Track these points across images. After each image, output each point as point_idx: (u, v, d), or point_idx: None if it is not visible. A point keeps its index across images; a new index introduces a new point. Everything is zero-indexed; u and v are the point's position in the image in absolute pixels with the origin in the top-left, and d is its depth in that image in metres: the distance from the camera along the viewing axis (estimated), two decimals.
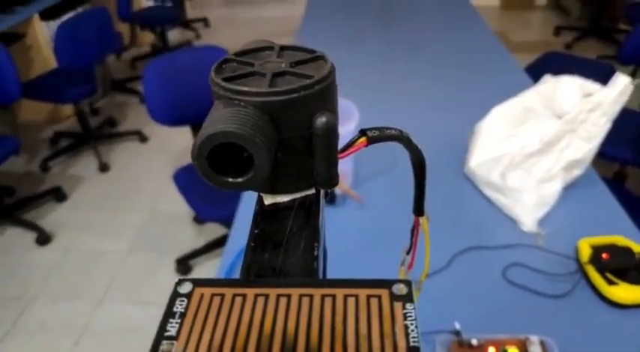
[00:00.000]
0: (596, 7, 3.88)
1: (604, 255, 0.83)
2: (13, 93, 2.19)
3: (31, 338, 1.77)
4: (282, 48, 0.25)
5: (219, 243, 1.96)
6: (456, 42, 1.84)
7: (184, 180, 1.72)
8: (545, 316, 0.78)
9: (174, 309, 0.20)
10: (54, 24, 2.87)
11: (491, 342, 0.72)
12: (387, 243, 0.95)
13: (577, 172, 1.00)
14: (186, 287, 0.21)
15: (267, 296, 0.20)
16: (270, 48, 0.25)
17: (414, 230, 0.34)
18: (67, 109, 3.10)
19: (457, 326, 0.73)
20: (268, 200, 0.25)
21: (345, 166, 1.07)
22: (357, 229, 0.99)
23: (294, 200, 0.25)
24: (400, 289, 0.20)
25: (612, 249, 0.84)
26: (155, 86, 1.76)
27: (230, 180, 0.20)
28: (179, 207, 1.99)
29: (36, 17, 2.86)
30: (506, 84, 1.45)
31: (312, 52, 0.25)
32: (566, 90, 1.01)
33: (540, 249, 0.90)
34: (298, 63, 0.24)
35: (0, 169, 2.16)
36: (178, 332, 0.19)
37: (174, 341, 0.19)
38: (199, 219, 2.20)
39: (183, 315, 0.20)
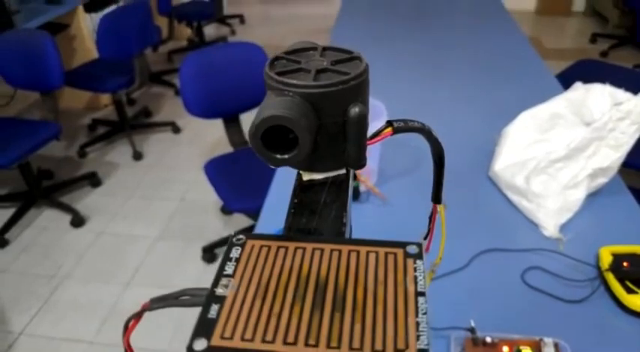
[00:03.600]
0: (634, 15, 3.79)
1: (625, 264, 0.83)
2: (57, 81, 2.29)
3: (62, 315, 1.86)
4: (324, 48, 0.30)
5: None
6: (488, 45, 1.84)
7: (214, 171, 1.77)
8: (562, 320, 0.79)
9: (231, 255, 0.25)
10: (97, 16, 2.98)
11: (506, 342, 0.74)
12: (407, 239, 0.97)
13: (603, 180, 1.00)
14: (240, 239, 0.26)
15: (304, 249, 0.25)
16: (315, 48, 0.29)
17: (432, 216, 0.37)
18: (105, 98, 3.21)
19: (472, 323, 0.75)
20: (306, 176, 0.30)
21: (370, 164, 1.09)
22: (379, 225, 1.02)
23: (327, 178, 0.30)
24: (413, 248, 0.26)
25: (634, 258, 0.85)
26: (191, 79, 1.82)
27: (278, 156, 0.25)
28: (208, 197, 2.05)
29: (80, 9, 2.97)
30: (536, 90, 1.45)
31: (350, 52, 0.29)
32: (596, 97, 1.02)
33: (561, 254, 0.90)
34: (337, 62, 0.28)
35: (40, 153, 2.26)
36: (234, 271, 0.24)
37: (231, 278, 0.24)
38: (227, 210, 2.26)
39: (238, 260, 0.25)
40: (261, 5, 5.32)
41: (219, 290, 0.23)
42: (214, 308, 0.22)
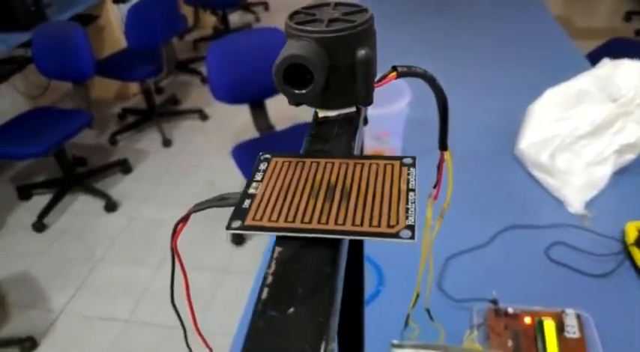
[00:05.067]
0: None
1: None
2: (88, 71, 2.36)
3: (97, 296, 1.94)
4: (337, 4, 0.34)
5: None
6: (513, 25, 1.81)
7: (241, 155, 1.81)
8: (585, 293, 0.80)
9: (259, 168, 0.31)
10: (124, 7, 3.04)
11: (528, 313, 0.75)
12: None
13: (631, 156, 0.99)
14: (267, 157, 0.32)
15: (318, 163, 0.31)
16: (328, 4, 0.34)
17: (440, 164, 0.39)
18: (134, 87, 3.28)
19: (494, 294, 0.76)
20: (321, 114, 0.35)
21: (393, 143, 1.11)
22: None
23: (339, 115, 0.35)
24: (408, 160, 0.31)
25: None
26: (217, 66, 1.85)
27: (296, 91, 0.29)
28: (235, 181, 2.09)
29: (109, 0, 3.03)
30: (564, 69, 1.43)
31: (358, 6, 0.34)
32: (624, 73, 1.00)
33: (585, 229, 0.90)
34: (347, 13, 0.33)
35: (74, 141, 2.34)
36: (262, 179, 0.30)
37: (260, 183, 0.30)
38: None
39: (264, 171, 0.31)
40: None
41: (251, 190, 0.29)
42: (247, 201, 0.28)
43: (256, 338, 0.21)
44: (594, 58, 1.55)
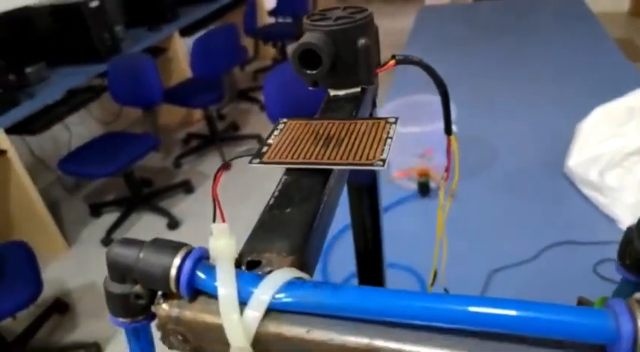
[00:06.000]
0: None
1: None
2: (157, 99, 2.55)
3: None
4: (346, 7, 0.42)
5: None
6: (568, 48, 1.80)
7: None
8: None
9: (277, 127, 0.39)
10: (190, 39, 3.26)
11: None
12: (472, 233, 1.00)
13: None
14: (284, 121, 0.40)
15: (322, 123, 0.39)
16: (338, 8, 0.42)
17: (448, 148, 0.43)
18: (198, 114, 3.48)
19: None
20: (332, 93, 0.43)
21: (439, 161, 1.13)
22: (447, 219, 1.05)
23: (347, 94, 0.43)
24: (392, 119, 0.38)
25: None
26: (273, 94, 1.96)
27: (309, 71, 0.37)
28: None
29: (176, 34, 3.26)
30: (623, 91, 1.41)
31: (362, 8, 0.41)
32: None
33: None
34: (352, 13, 0.40)
35: (142, 163, 2.51)
36: (280, 132, 0.39)
37: (276, 136, 0.38)
38: None
39: (282, 129, 0.39)
40: None
41: (269, 141, 0.38)
42: (265, 148, 0.37)
43: (263, 224, 0.31)
44: None
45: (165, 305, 0.26)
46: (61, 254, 2.41)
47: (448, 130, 0.43)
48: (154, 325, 0.28)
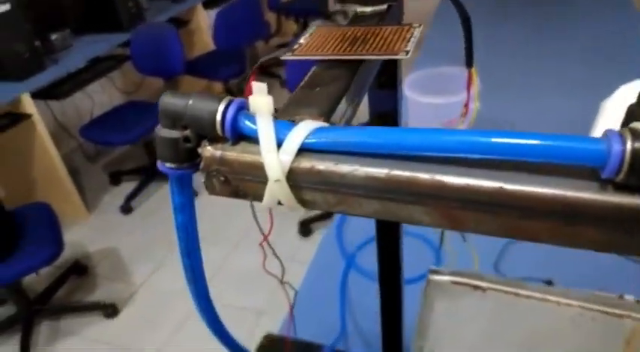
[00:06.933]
0: None
1: None
2: (179, 69, 2.56)
3: (175, 274, 2.07)
4: None
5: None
6: (601, 34, 1.76)
7: None
8: None
9: (309, 31, 0.41)
10: (213, 12, 3.25)
11: None
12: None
13: None
14: (315, 23, 0.42)
15: (350, 28, 0.41)
16: None
17: (468, 81, 0.43)
18: (218, 87, 3.49)
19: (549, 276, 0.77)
20: (359, 9, 0.47)
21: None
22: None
23: (373, 10, 0.45)
24: (415, 24, 0.40)
25: None
26: (294, 70, 1.95)
27: None
28: None
29: (199, 6, 3.26)
30: None
31: None
32: None
33: None
34: None
35: None
36: (310, 35, 0.41)
37: (308, 38, 0.40)
38: None
39: (312, 32, 0.41)
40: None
41: (301, 41, 0.39)
42: (297, 45, 0.39)
43: (294, 98, 0.33)
44: None
45: (210, 148, 0.29)
46: (81, 219, 2.47)
47: (470, 63, 0.43)
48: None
